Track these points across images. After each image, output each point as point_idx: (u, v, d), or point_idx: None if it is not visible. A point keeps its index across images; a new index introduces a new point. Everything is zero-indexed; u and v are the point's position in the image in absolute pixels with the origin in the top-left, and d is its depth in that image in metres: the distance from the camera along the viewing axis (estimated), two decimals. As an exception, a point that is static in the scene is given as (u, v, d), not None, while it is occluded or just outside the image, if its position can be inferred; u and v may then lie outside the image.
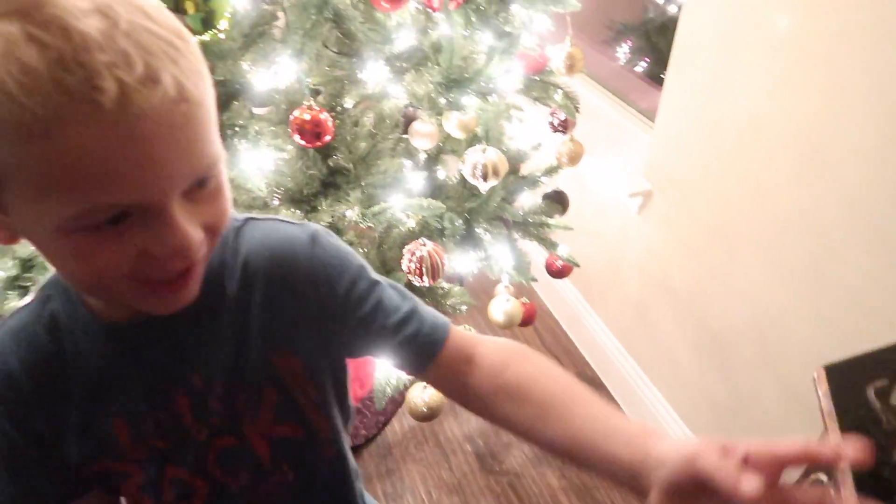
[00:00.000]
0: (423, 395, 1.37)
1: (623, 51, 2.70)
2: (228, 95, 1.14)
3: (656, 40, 2.52)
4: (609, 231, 2.03)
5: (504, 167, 1.32)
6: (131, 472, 0.67)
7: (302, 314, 0.66)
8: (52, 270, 0.65)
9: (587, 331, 2.21)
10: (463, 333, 0.71)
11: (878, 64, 1.13)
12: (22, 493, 0.66)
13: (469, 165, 1.27)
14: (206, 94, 0.48)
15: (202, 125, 0.47)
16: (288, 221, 0.69)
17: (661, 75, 1.74)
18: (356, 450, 1.86)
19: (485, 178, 1.27)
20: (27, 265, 1.29)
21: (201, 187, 0.50)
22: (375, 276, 0.70)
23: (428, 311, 0.71)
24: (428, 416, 1.39)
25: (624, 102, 2.16)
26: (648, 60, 2.57)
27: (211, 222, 0.52)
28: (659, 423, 1.91)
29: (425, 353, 0.68)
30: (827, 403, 0.65)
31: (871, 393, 0.64)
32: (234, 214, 0.65)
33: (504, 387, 0.64)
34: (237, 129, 1.12)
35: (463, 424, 2.00)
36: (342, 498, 0.81)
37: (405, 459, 1.88)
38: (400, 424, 1.98)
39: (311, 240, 0.66)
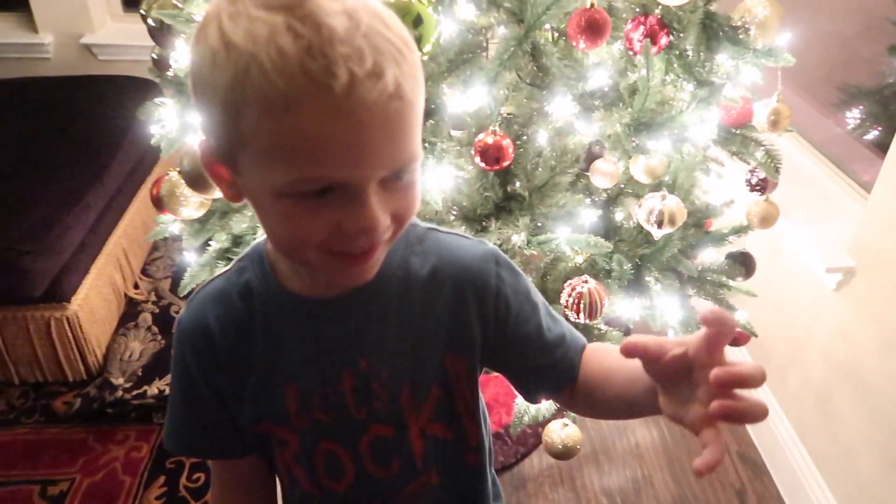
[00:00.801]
0: (560, 431, 1.36)
1: (853, 116, 2.47)
2: (425, 113, 1.23)
3: (893, 107, 2.28)
4: (799, 305, 1.86)
5: (682, 217, 1.28)
6: (290, 441, 0.73)
7: (477, 322, 0.71)
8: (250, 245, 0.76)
9: (758, 409, 2.03)
10: None
11: None
12: (192, 436, 0.76)
13: (645, 210, 1.25)
14: (418, 99, 0.54)
15: (410, 124, 0.53)
16: (469, 238, 0.75)
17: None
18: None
19: (659, 224, 1.24)
20: (237, 240, 1.48)
21: (397, 179, 0.56)
22: (537, 297, 0.75)
23: (570, 329, 0.76)
24: (563, 453, 1.37)
25: (840, 170, 1.98)
26: (880, 129, 2.33)
27: (399, 212, 0.57)
28: (825, 527, 1.70)
29: (569, 374, 0.74)
30: None
31: None
32: (417, 222, 0.72)
33: (590, 382, 0.73)
34: (426, 145, 1.20)
35: (603, 476, 1.93)
36: None
37: (537, 496, 1.86)
38: (539, 460, 1.95)
39: (495, 258, 0.73)
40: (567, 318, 1.26)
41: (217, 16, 0.51)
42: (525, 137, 1.29)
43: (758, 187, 1.57)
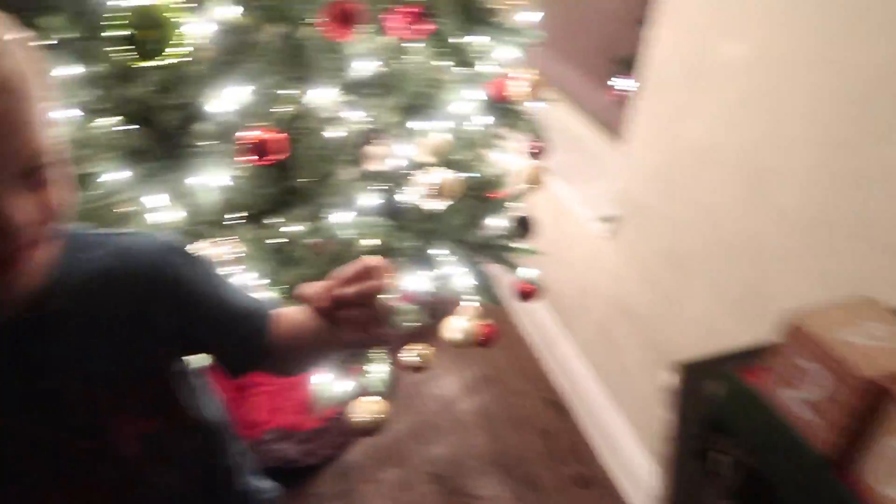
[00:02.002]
0: (364, 406, 1.42)
1: (622, 84, 2.74)
2: (189, 117, 1.20)
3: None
4: (582, 256, 2.06)
5: (457, 189, 1.37)
6: None
7: (163, 314, 0.72)
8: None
9: (559, 355, 2.24)
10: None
11: (815, 94, 1.18)
12: None
13: (420, 186, 1.32)
14: (32, 93, 0.54)
15: (24, 118, 0.54)
16: (142, 234, 0.77)
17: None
18: (313, 470, 1.89)
19: (435, 198, 1.32)
20: None
21: (30, 177, 0.55)
22: (217, 277, 0.78)
23: (257, 302, 0.81)
24: (372, 427, 1.43)
25: (610, 132, 2.21)
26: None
27: (42, 212, 0.57)
28: (622, 450, 1.93)
29: (259, 347, 0.78)
30: (667, 395, 0.69)
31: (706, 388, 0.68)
32: (86, 229, 0.72)
33: (284, 342, 0.79)
34: (195, 148, 1.18)
35: (428, 448, 2.03)
36: (228, 480, 0.86)
37: (363, 480, 1.91)
38: (363, 447, 2.01)
39: (169, 249, 0.75)
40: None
41: None
42: (300, 131, 1.30)
43: (533, 154, 1.72)
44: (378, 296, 0.66)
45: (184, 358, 0.78)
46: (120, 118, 1.15)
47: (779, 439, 0.58)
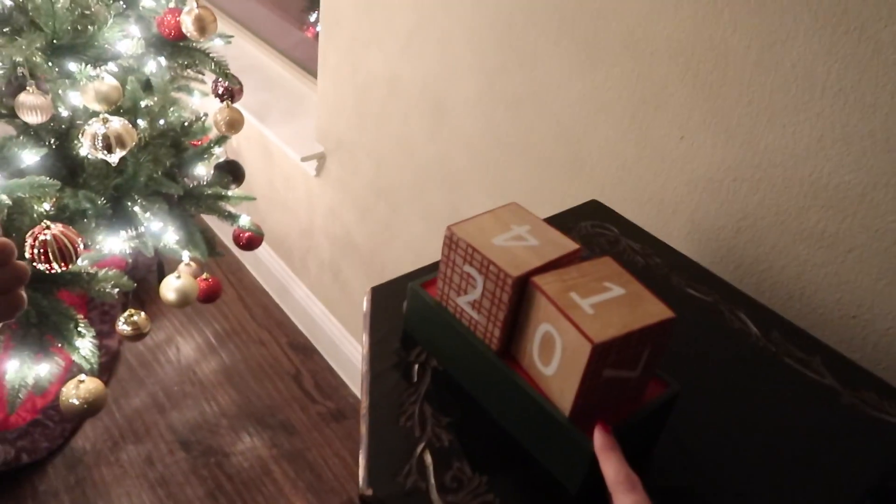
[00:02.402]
0: (77, 389, 1.28)
1: (314, 21, 2.72)
2: None
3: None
4: (298, 198, 2.05)
5: (131, 137, 1.25)
6: None
7: None
8: None
9: (295, 300, 2.23)
10: None
11: (471, 21, 1.27)
12: None
13: (88, 137, 1.18)
14: None
15: None
16: None
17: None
18: (39, 465, 1.69)
19: (108, 150, 1.19)
20: None
21: None
22: None
23: None
24: (89, 410, 1.30)
25: (306, 71, 2.19)
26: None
27: None
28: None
29: None
30: (364, 321, 0.72)
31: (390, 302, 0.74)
32: None
33: None
34: None
35: (169, 415, 1.91)
36: None
37: (98, 464, 1.75)
38: (93, 428, 1.83)
39: None
40: (41, 273, 1.16)
41: None
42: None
43: (225, 96, 1.64)
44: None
45: None
46: None
47: (456, 341, 0.64)
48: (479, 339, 0.61)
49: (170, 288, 1.51)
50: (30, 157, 1.21)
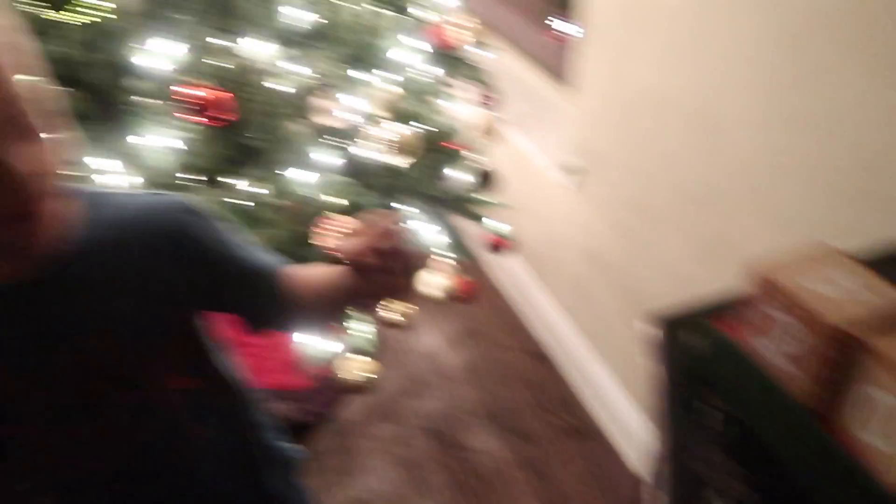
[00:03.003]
0: (353, 364, 1.41)
1: (566, 26, 2.70)
2: (120, 74, 1.18)
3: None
4: (552, 209, 2.06)
5: (418, 142, 1.36)
6: (27, 436, 0.71)
7: (176, 271, 0.73)
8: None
9: (541, 309, 2.24)
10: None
11: (755, 34, 1.16)
12: None
13: (381, 142, 1.31)
14: None
15: None
16: (151, 193, 0.78)
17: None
18: (309, 428, 1.90)
19: (397, 154, 1.31)
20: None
21: (16, 126, 0.56)
22: (229, 233, 0.78)
23: (269, 261, 0.80)
24: (363, 385, 1.43)
25: (561, 80, 2.20)
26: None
27: (41, 164, 0.59)
28: (606, 395, 1.93)
29: (272, 304, 0.78)
30: (645, 345, 0.69)
31: (681, 338, 0.69)
32: (94, 189, 0.73)
33: (298, 298, 0.78)
34: (132, 107, 1.16)
35: (421, 403, 2.03)
36: (253, 439, 0.88)
37: (360, 436, 1.92)
38: (357, 404, 2.01)
39: (181, 208, 0.75)
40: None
41: None
42: (244, 87, 1.29)
43: (484, 103, 1.72)
44: (406, 247, 0.66)
45: (203, 315, 0.80)
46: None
47: (761, 391, 0.58)
48: (790, 392, 0.55)
49: (435, 285, 1.60)
50: (325, 156, 1.37)
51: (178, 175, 1.27)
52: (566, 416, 2.01)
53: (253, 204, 1.28)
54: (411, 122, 1.55)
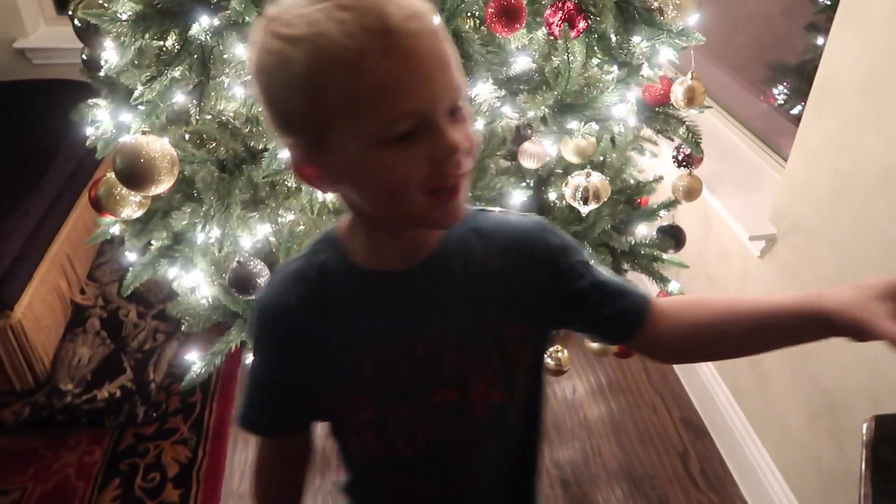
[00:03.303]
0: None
1: (780, 92, 2.57)
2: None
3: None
4: (729, 274, 1.95)
5: (606, 193, 1.34)
6: (364, 408, 0.78)
7: (532, 288, 0.76)
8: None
9: (697, 375, 2.12)
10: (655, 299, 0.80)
11: None
12: (265, 416, 0.81)
13: (571, 187, 1.30)
14: (451, 49, 0.63)
15: (453, 62, 0.62)
16: (516, 213, 0.81)
17: (800, 117, 1.66)
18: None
19: (585, 201, 1.29)
20: (178, 238, 1.49)
21: (454, 114, 0.62)
22: (587, 257, 0.79)
23: (631, 285, 0.79)
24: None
25: (765, 144, 2.08)
26: (804, 104, 2.44)
27: (467, 142, 0.64)
28: (761, 483, 1.79)
29: (636, 322, 0.76)
30: (868, 453, 0.62)
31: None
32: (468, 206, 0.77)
33: (690, 324, 0.75)
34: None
35: (554, 449, 1.99)
36: (528, 470, 0.89)
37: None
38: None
39: (542, 228, 0.78)
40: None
41: (266, 31, 0.61)
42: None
43: (684, 163, 1.65)
44: None
45: (542, 337, 0.82)
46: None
47: None
48: None
49: (594, 335, 1.57)
50: (521, 197, 1.38)
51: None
52: (711, 493, 1.89)
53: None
54: (603, 171, 1.53)
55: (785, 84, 2.56)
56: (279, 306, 0.76)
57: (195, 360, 1.47)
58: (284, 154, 1.24)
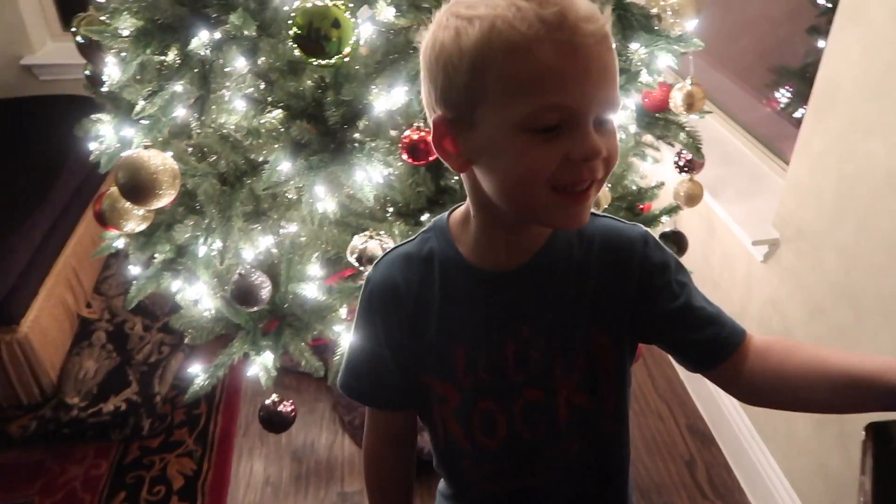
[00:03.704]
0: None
1: (783, 95, 2.57)
2: (354, 114, 1.27)
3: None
4: (734, 279, 1.94)
5: (607, 200, 1.34)
6: (451, 398, 0.80)
7: (623, 299, 0.76)
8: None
9: (703, 382, 2.11)
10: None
11: None
12: (366, 384, 0.84)
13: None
14: (616, 59, 0.64)
15: (616, 73, 0.63)
16: (623, 221, 0.80)
17: (802, 122, 1.65)
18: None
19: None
20: (181, 250, 1.50)
21: (603, 124, 0.63)
22: (688, 278, 0.78)
23: (727, 316, 0.78)
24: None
25: (767, 148, 2.07)
26: (806, 107, 2.44)
27: (608, 156, 0.64)
28: (768, 490, 1.78)
29: (720, 354, 0.74)
30: (868, 461, 0.61)
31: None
32: None
33: (773, 371, 0.72)
34: (357, 144, 1.24)
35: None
36: (613, 478, 0.88)
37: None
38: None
39: (644, 240, 0.77)
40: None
41: (448, 11, 0.64)
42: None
43: (685, 168, 1.65)
44: None
45: (628, 348, 0.80)
46: (286, 112, 1.24)
47: None
48: None
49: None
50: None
51: (380, 208, 1.33)
52: (717, 501, 1.87)
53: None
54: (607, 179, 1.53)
55: (788, 88, 2.55)
56: (385, 283, 0.79)
57: (198, 373, 1.48)
58: (285, 166, 1.25)
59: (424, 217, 1.32)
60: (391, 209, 1.35)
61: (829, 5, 2.22)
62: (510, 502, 0.87)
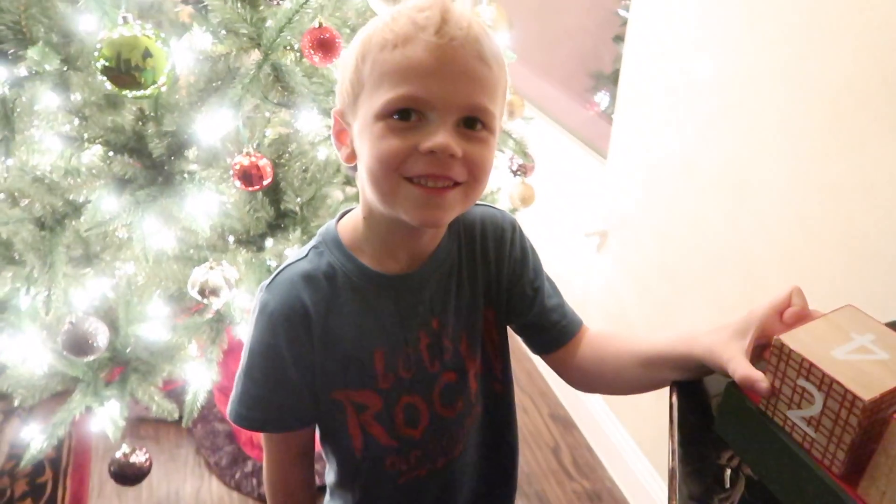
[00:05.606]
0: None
1: (601, 98, 2.80)
2: (180, 144, 1.24)
3: (626, 89, 2.62)
4: (574, 270, 2.08)
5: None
6: (371, 403, 0.81)
7: (502, 278, 0.85)
8: None
9: (560, 370, 2.24)
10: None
11: (785, 105, 1.20)
12: (267, 412, 0.81)
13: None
14: (500, 81, 0.69)
15: (489, 84, 0.67)
16: (493, 207, 0.88)
17: (614, 121, 1.81)
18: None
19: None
20: (1, 305, 1.38)
21: (471, 129, 0.66)
22: (541, 267, 0.89)
23: (569, 307, 0.90)
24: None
25: (591, 148, 2.24)
26: (622, 108, 2.66)
27: (473, 162, 0.67)
28: (624, 461, 1.92)
29: (558, 341, 0.87)
30: (674, 414, 0.70)
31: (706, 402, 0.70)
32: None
33: (594, 357, 0.85)
34: (186, 175, 1.21)
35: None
36: (505, 432, 0.96)
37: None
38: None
39: (513, 227, 0.86)
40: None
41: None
42: (287, 155, 1.34)
43: (519, 172, 1.75)
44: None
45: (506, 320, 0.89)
46: (106, 148, 1.18)
47: (782, 456, 0.58)
48: (815, 460, 0.56)
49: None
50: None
51: (220, 238, 1.30)
52: (583, 480, 1.99)
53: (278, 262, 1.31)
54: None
55: (604, 91, 2.79)
56: (289, 306, 0.77)
57: (35, 436, 1.36)
58: (110, 204, 1.19)
59: (268, 242, 1.30)
60: (232, 238, 1.33)
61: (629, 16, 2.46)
62: (433, 482, 0.89)
